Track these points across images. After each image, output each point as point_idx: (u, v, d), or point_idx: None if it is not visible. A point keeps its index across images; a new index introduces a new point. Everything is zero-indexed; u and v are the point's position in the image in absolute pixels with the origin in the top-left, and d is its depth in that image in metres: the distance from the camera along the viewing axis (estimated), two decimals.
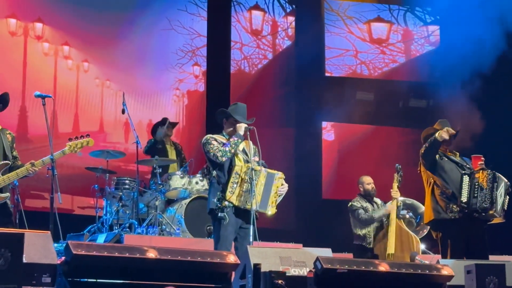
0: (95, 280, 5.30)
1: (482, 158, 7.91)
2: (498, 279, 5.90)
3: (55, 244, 6.58)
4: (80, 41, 12.54)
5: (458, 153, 8.13)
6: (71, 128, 12.19)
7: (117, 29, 12.83)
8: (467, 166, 7.91)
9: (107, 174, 10.15)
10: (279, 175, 7.24)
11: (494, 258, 7.77)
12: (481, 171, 7.73)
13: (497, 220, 7.94)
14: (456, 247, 7.68)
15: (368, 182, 9.94)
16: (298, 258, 6.14)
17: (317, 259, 5.79)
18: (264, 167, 7.25)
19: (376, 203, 9.95)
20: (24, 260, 5.07)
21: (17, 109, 11.89)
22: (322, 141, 14.47)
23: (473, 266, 5.99)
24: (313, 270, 5.80)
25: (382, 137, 14.31)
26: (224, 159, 7.04)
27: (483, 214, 7.72)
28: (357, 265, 5.86)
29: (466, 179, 7.71)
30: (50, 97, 7.61)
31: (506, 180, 7.90)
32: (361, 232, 9.74)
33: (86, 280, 5.28)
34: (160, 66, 13.26)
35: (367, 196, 9.92)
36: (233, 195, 6.96)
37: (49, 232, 5.80)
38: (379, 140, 14.19)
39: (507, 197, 7.90)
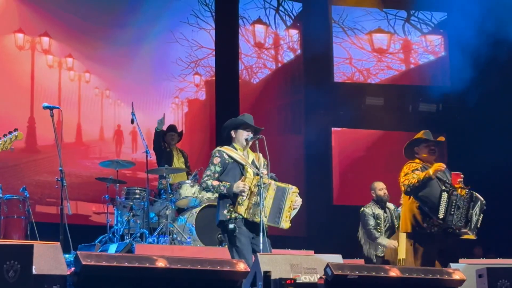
0: None
1: (462, 176, 8.01)
2: (510, 282, 5.86)
3: (66, 255, 6.58)
4: (82, 52, 12.65)
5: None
6: (74, 138, 12.24)
7: (117, 39, 12.90)
8: (447, 182, 7.96)
9: (117, 184, 10.16)
10: (292, 190, 7.08)
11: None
12: (459, 189, 7.82)
13: (469, 237, 8.08)
14: (428, 258, 7.86)
15: (380, 188, 9.93)
16: (308, 265, 6.11)
17: (327, 265, 5.77)
18: (274, 180, 7.16)
19: (389, 208, 9.94)
20: (34, 272, 5.06)
21: (26, 121, 11.96)
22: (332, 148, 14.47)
23: (485, 270, 5.95)
24: (324, 276, 5.79)
25: (392, 142, 14.28)
26: (202, 189, 7.40)
27: (457, 231, 7.88)
28: (367, 271, 5.84)
29: (444, 196, 7.79)
30: (58, 108, 7.67)
31: (482, 199, 8.01)
32: (370, 251, 9.74)
33: None
34: (160, 76, 13.33)
35: (380, 202, 9.91)
36: (241, 207, 6.89)
37: (58, 243, 5.80)
38: (389, 145, 14.16)
39: (481, 215, 8.02)
